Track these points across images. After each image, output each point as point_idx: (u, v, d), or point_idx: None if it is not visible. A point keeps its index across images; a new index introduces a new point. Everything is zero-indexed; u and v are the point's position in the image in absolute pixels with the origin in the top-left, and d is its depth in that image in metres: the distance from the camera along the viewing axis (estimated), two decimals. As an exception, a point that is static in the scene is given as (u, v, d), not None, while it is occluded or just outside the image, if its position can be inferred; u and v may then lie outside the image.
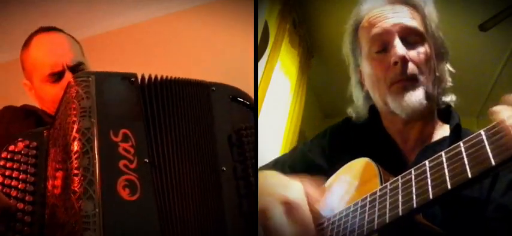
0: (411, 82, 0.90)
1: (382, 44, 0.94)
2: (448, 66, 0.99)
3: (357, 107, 1.07)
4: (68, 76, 1.20)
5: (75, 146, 0.87)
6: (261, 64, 2.41)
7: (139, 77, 0.99)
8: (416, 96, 0.89)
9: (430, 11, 0.96)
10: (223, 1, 2.51)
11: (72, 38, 1.32)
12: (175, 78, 1.03)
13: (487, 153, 0.58)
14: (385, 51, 0.93)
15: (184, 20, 2.60)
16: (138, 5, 2.64)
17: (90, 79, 0.95)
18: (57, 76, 1.23)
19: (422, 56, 0.91)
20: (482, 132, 0.61)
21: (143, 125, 0.94)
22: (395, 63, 0.90)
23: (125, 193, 0.85)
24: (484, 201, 0.79)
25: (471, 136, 0.62)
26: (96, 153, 0.86)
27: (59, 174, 0.92)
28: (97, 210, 0.81)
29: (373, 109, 1.03)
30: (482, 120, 3.57)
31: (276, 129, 2.72)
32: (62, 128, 0.95)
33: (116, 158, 0.88)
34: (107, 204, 0.83)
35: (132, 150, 0.90)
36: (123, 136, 0.91)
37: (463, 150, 0.62)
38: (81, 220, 0.80)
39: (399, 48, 0.90)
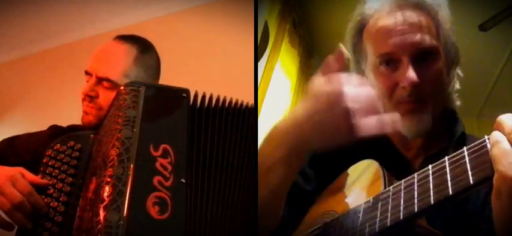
0: (420, 105, 0.84)
1: (391, 60, 0.87)
2: (458, 71, 0.94)
3: None
4: (92, 81, 1.20)
5: (113, 154, 0.86)
6: (261, 64, 2.41)
7: (192, 93, 0.97)
8: (423, 121, 0.85)
9: (444, 15, 0.89)
10: (223, 1, 2.51)
11: (144, 53, 1.28)
12: (224, 98, 1.01)
13: (490, 159, 0.58)
14: (394, 68, 0.86)
15: (184, 20, 2.60)
16: (138, 5, 2.64)
17: (140, 89, 0.94)
18: (88, 76, 1.23)
19: (433, 75, 0.85)
20: (487, 138, 0.60)
21: (186, 143, 0.92)
22: (404, 86, 0.84)
23: (154, 211, 0.81)
24: (479, 212, 0.78)
25: (476, 142, 0.62)
26: (131, 164, 0.84)
27: (95, 179, 0.90)
28: (121, 222, 0.78)
29: None
30: (482, 120, 3.57)
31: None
32: (106, 135, 0.94)
33: (151, 173, 0.85)
34: (133, 218, 0.79)
35: (169, 167, 0.87)
36: (163, 151, 0.88)
37: (466, 155, 0.62)
38: (104, 229, 0.78)
39: (410, 73, 0.82)
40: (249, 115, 1.05)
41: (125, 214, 0.79)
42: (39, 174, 0.98)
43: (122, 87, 0.96)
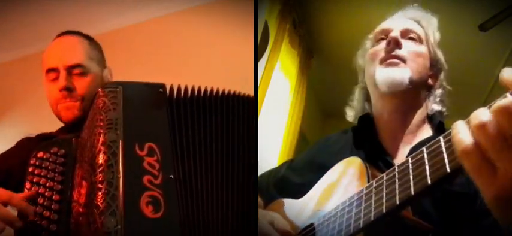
0: (399, 60, 0.98)
1: (383, 37, 1.04)
2: (445, 85, 1.05)
3: (354, 108, 1.12)
4: (63, 74, 1.19)
5: (100, 159, 0.86)
6: (261, 64, 2.41)
7: (167, 87, 0.97)
8: (399, 72, 0.96)
9: (434, 32, 1.06)
10: (223, 1, 2.51)
11: (91, 42, 1.31)
12: (203, 89, 1.01)
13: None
14: (380, 43, 1.03)
15: (184, 20, 2.60)
16: (138, 5, 2.65)
17: (118, 90, 0.93)
18: (54, 74, 1.22)
19: (415, 49, 1.00)
20: (460, 123, 0.59)
21: (169, 138, 0.92)
22: (389, 42, 0.99)
23: (148, 210, 0.82)
24: (473, 195, 0.79)
25: (449, 131, 0.60)
26: (120, 167, 0.84)
27: (84, 186, 0.90)
28: (119, 227, 0.78)
29: (363, 116, 1.07)
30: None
31: (276, 129, 2.72)
32: (89, 139, 0.93)
33: (140, 173, 0.85)
34: (129, 221, 0.80)
35: (157, 165, 0.87)
36: (148, 150, 0.88)
37: (443, 144, 0.61)
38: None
39: (394, 31, 1.01)
40: (233, 100, 1.03)
41: (121, 218, 0.79)
42: (26, 183, 0.97)
43: (99, 89, 0.95)
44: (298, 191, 0.99)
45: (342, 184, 0.87)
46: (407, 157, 0.89)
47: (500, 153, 0.50)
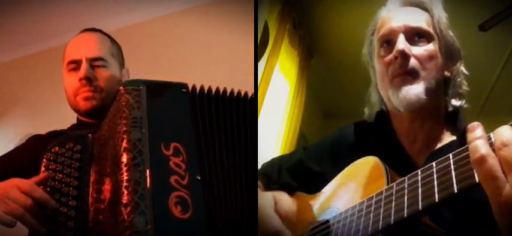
0: (411, 76, 0.91)
1: (388, 42, 0.97)
2: (462, 69, 0.99)
3: (371, 106, 1.07)
4: (84, 65, 1.21)
5: (126, 157, 0.84)
6: (261, 64, 2.41)
7: (189, 87, 0.97)
8: (414, 89, 0.90)
9: (439, 13, 0.98)
10: (223, 1, 2.51)
11: (112, 41, 1.33)
12: (223, 89, 1.01)
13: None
14: (391, 47, 0.96)
15: (184, 20, 2.60)
16: (138, 5, 2.65)
17: (141, 88, 0.92)
18: (75, 65, 1.23)
19: (425, 53, 0.93)
20: (492, 135, 0.60)
21: (193, 138, 0.91)
22: (396, 57, 0.92)
23: (176, 211, 0.81)
24: (488, 202, 0.79)
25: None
26: (147, 166, 0.83)
27: (107, 183, 0.89)
28: (149, 226, 0.78)
29: (381, 113, 1.04)
30: (482, 120, 3.56)
31: (275, 129, 2.72)
32: (111, 137, 0.92)
33: (167, 173, 0.84)
34: (159, 221, 0.79)
35: (183, 165, 0.86)
36: (174, 150, 0.87)
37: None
38: (132, 235, 0.77)
39: (400, 43, 0.92)
40: (250, 103, 1.04)
41: (151, 217, 0.78)
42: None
43: (121, 87, 0.95)
44: (317, 180, 0.97)
45: (357, 183, 0.86)
46: (427, 161, 0.88)
47: None
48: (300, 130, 2.99)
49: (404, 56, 0.91)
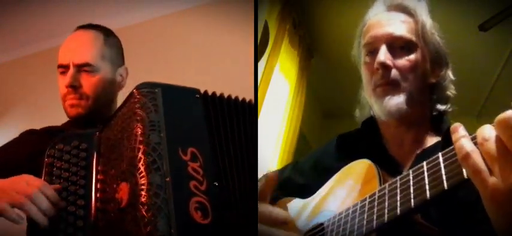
0: (392, 86, 0.94)
1: (372, 50, 0.98)
2: (449, 73, 1.00)
3: (362, 108, 1.09)
4: (70, 71, 1.19)
5: (145, 161, 0.84)
6: (261, 64, 2.41)
7: (202, 92, 0.98)
8: (394, 100, 0.93)
9: (424, 18, 0.98)
10: (223, 1, 2.51)
11: (108, 38, 1.29)
12: (231, 96, 1.02)
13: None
14: (374, 56, 0.97)
15: (184, 20, 2.60)
16: (138, 5, 2.64)
17: (157, 91, 0.92)
18: (63, 69, 1.22)
19: (407, 63, 0.94)
20: (476, 135, 0.62)
21: (209, 143, 0.92)
22: (377, 68, 0.94)
23: (197, 216, 0.81)
24: (474, 202, 0.81)
25: (470, 137, 0.63)
26: (168, 171, 0.83)
27: (124, 186, 0.87)
28: (173, 231, 0.78)
29: (369, 119, 1.06)
30: (482, 120, 3.56)
31: (275, 130, 2.72)
32: (125, 138, 0.91)
33: (186, 178, 0.85)
34: (182, 225, 0.79)
35: (200, 171, 0.87)
36: (191, 155, 0.88)
37: None
38: None
39: (381, 54, 0.94)
40: (249, 105, 1.05)
41: (173, 222, 0.78)
42: (44, 176, 0.95)
43: (135, 90, 0.94)
44: (302, 192, 0.99)
45: (350, 185, 0.87)
46: (414, 163, 0.91)
47: (497, 161, 0.56)
48: (300, 130, 2.99)
49: (385, 67, 0.93)
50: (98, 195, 0.94)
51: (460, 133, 0.61)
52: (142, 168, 0.83)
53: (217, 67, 2.33)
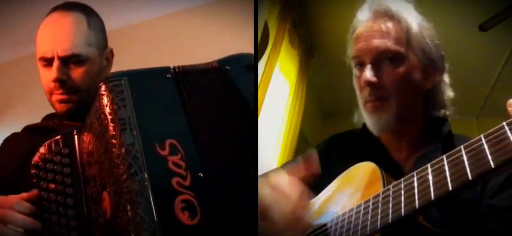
0: (381, 102, 0.92)
1: (359, 63, 0.96)
2: (444, 77, 0.98)
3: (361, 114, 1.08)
4: (56, 64, 1.09)
5: (122, 167, 0.76)
6: (261, 64, 2.41)
7: (171, 69, 0.88)
8: (384, 117, 0.92)
9: (413, 22, 0.95)
10: (223, 1, 2.51)
11: (90, 18, 1.17)
12: (212, 65, 0.93)
13: (487, 156, 0.61)
14: (362, 69, 0.95)
15: (184, 20, 2.60)
16: (137, 5, 2.64)
17: (123, 82, 0.83)
18: (47, 62, 1.12)
19: (395, 76, 0.91)
20: (482, 137, 0.64)
21: (188, 130, 0.82)
22: (364, 86, 0.93)
23: (184, 217, 0.74)
24: (477, 201, 0.82)
25: (472, 140, 0.65)
26: (145, 173, 0.75)
27: (105, 196, 0.81)
28: None
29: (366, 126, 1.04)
30: (482, 120, 3.56)
31: (275, 130, 2.72)
32: (99, 139, 0.84)
33: (167, 176, 0.76)
34: (169, 232, 0.73)
35: (182, 164, 0.78)
36: (170, 147, 0.79)
37: (464, 153, 0.65)
38: None
39: (367, 72, 0.92)
40: (220, 72, 0.95)
41: (159, 231, 0.72)
42: (33, 186, 0.91)
43: (102, 84, 0.86)
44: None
45: (354, 187, 0.87)
46: (413, 167, 0.89)
47: None
48: (300, 130, 2.99)
49: (371, 85, 0.91)
50: (89, 204, 0.89)
51: None
52: (119, 176, 0.77)
53: (217, 67, 2.33)
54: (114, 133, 0.79)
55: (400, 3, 0.97)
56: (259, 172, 1.11)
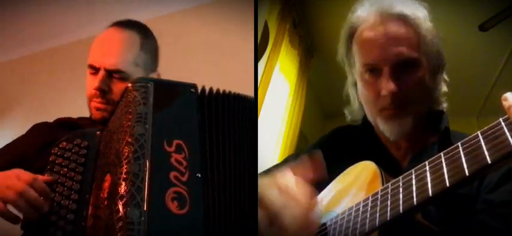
0: (400, 111, 0.91)
1: (374, 69, 0.93)
2: (443, 75, 0.98)
3: (353, 110, 1.07)
4: (101, 75, 1.16)
5: (127, 151, 0.85)
6: (261, 64, 2.41)
7: (199, 88, 0.97)
8: (404, 124, 0.91)
9: (426, 27, 0.93)
10: (223, 1, 2.51)
11: (145, 40, 1.25)
12: (229, 92, 1.01)
13: (484, 152, 0.62)
14: (376, 76, 0.93)
15: (184, 20, 2.60)
16: (137, 5, 2.64)
17: (149, 85, 0.93)
18: (94, 70, 1.18)
19: (412, 83, 0.91)
20: (479, 133, 0.65)
21: (198, 138, 0.91)
22: (385, 95, 0.90)
23: (173, 206, 0.81)
24: (474, 197, 0.83)
25: (469, 137, 0.66)
26: (147, 160, 0.84)
27: (108, 177, 0.90)
28: (143, 218, 0.77)
29: (366, 120, 1.03)
30: (482, 120, 3.56)
31: (275, 130, 2.72)
32: (116, 132, 0.93)
33: (167, 168, 0.85)
34: (154, 214, 0.79)
35: (184, 163, 0.87)
36: (176, 147, 0.88)
37: (461, 150, 0.66)
38: (125, 226, 0.77)
39: (389, 81, 0.89)
40: (248, 102, 1.04)
41: (145, 210, 0.79)
42: (46, 172, 0.98)
43: (129, 84, 0.95)
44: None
45: (355, 188, 0.87)
46: (410, 163, 0.91)
47: None
48: (300, 130, 2.99)
49: (394, 94, 0.89)
50: (95, 191, 0.96)
51: (511, 100, 0.62)
52: (123, 159, 0.85)
53: (217, 67, 2.33)
54: (129, 123, 0.88)
55: (408, 2, 0.94)
56: (260, 172, 1.12)
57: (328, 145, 1.10)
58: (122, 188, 0.81)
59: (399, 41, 0.91)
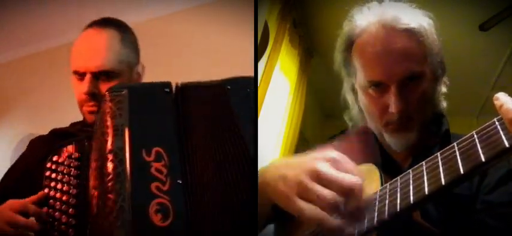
0: (406, 124, 0.91)
1: (379, 84, 0.91)
2: (444, 79, 0.99)
3: (352, 116, 1.07)
4: (88, 79, 1.17)
5: (109, 167, 0.86)
6: (261, 64, 2.41)
7: (173, 85, 0.96)
8: (411, 137, 0.92)
9: (431, 39, 0.92)
10: (223, 1, 2.51)
11: (124, 35, 1.25)
12: (205, 82, 1.00)
13: (478, 151, 0.64)
14: (382, 91, 0.91)
15: (184, 20, 2.60)
16: (137, 5, 2.64)
17: (123, 93, 0.93)
18: (80, 76, 1.19)
19: (418, 95, 0.90)
20: (474, 133, 0.67)
21: (176, 141, 0.91)
22: (393, 113, 0.90)
23: (157, 219, 0.82)
24: (474, 197, 0.84)
25: (465, 137, 0.68)
26: (128, 175, 0.84)
27: (96, 193, 0.89)
28: None
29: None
30: (482, 120, 3.56)
31: (275, 130, 2.72)
32: (98, 147, 0.93)
33: (148, 180, 0.85)
34: (140, 231, 0.81)
35: (164, 170, 0.86)
36: (156, 155, 0.88)
37: (456, 149, 0.68)
38: None
39: (397, 100, 0.88)
40: (220, 89, 1.01)
41: (131, 230, 0.79)
42: (45, 189, 0.99)
43: (106, 93, 0.95)
44: None
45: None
46: (411, 164, 0.91)
47: None
48: (300, 130, 2.99)
49: (401, 112, 0.89)
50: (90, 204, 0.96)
51: (502, 99, 0.63)
52: (105, 176, 0.85)
53: (217, 67, 2.33)
54: (107, 138, 0.88)
55: (409, 12, 0.92)
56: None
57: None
58: (108, 209, 0.82)
59: (406, 57, 0.88)
